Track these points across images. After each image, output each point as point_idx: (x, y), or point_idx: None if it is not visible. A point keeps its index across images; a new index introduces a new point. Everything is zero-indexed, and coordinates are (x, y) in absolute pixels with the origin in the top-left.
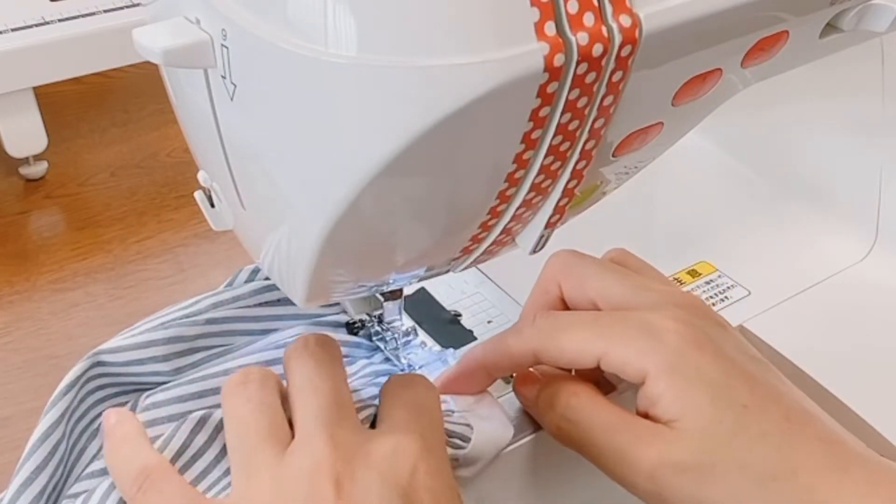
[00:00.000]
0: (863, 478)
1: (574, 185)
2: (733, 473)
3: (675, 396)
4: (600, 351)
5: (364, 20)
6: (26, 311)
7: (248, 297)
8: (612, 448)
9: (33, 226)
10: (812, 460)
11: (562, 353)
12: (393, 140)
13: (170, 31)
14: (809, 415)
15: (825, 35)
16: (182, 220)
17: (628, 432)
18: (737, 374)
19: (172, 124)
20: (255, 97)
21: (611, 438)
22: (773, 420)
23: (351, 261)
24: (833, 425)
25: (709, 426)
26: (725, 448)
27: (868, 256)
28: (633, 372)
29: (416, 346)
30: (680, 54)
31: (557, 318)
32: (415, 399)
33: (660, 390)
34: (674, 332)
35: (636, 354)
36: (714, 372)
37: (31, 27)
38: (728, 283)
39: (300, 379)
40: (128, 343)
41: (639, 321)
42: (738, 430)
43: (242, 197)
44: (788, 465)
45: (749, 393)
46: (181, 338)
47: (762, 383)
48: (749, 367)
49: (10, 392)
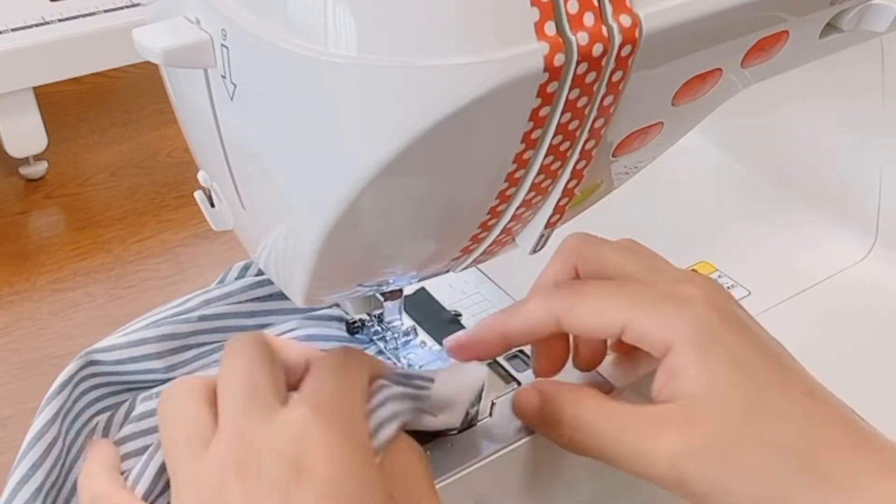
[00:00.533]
0: (882, 458)
1: (574, 185)
2: (757, 451)
3: (701, 369)
4: (625, 318)
5: (364, 20)
6: (26, 311)
7: (240, 293)
8: (626, 447)
9: (33, 226)
10: (834, 438)
11: (584, 318)
12: (393, 140)
13: (170, 31)
14: (828, 393)
15: (825, 35)
16: (182, 220)
17: (641, 427)
18: (762, 350)
19: (172, 124)
20: (255, 97)
21: (623, 438)
22: (796, 397)
23: (351, 261)
24: (847, 407)
25: (731, 403)
26: (749, 425)
27: (868, 256)
28: (658, 342)
29: (416, 346)
30: (680, 54)
31: (582, 283)
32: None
33: (685, 362)
34: (702, 300)
35: (662, 323)
36: (740, 346)
37: (31, 27)
38: (728, 283)
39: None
40: (120, 342)
41: (665, 290)
42: (761, 406)
43: (242, 197)
44: (811, 442)
45: (773, 369)
46: (174, 335)
47: (785, 360)
48: (771, 343)
49: (9, 392)
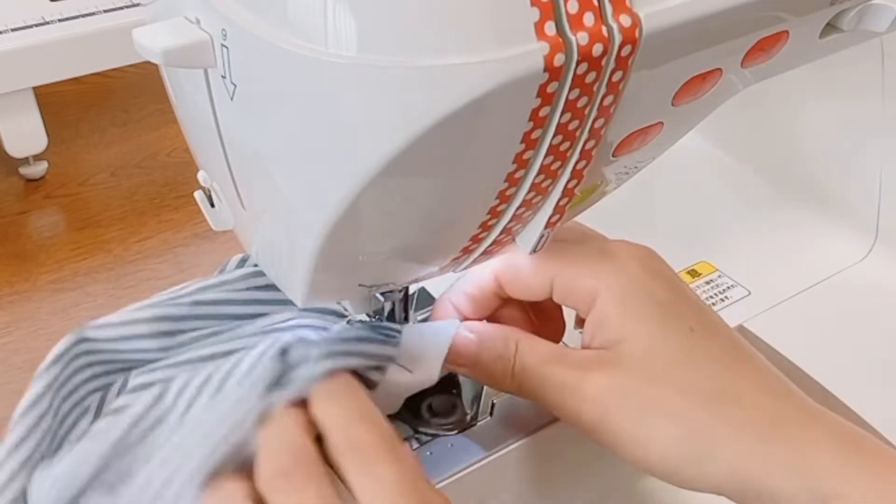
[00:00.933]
0: (802, 406)
1: (574, 184)
2: (678, 395)
3: (624, 316)
4: (553, 272)
5: (364, 20)
6: (26, 311)
7: (237, 282)
8: (556, 381)
9: (33, 226)
10: (756, 386)
11: (518, 280)
12: (393, 140)
13: (170, 31)
14: (752, 350)
15: (825, 35)
16: (182, 220)
17: (571, 363)
18: (686, 300)
19: (172, 124)
20: (255, 97)
21: (559, 377)
22: (720, 345)
23: (350, 261)
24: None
25: (655, 346)
26: (670, 369)
27: (868, 256)
28: (584, 294)
29: None
30: (680, 54)
31: None
32: None
33: (609, 310)
34: (629, 254)
35: (589, 275)
36: (664, 294)
37: (31, 27)
38: (728, 283)
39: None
40: (113, 320)
41: (595, 247)
42: (684, 350)
43: (242, 197)
44: (733, 388)
45: (697, 317)
46: (167, 317)
47: (708, 312)
48: (696, 297)
49: (10, 392)
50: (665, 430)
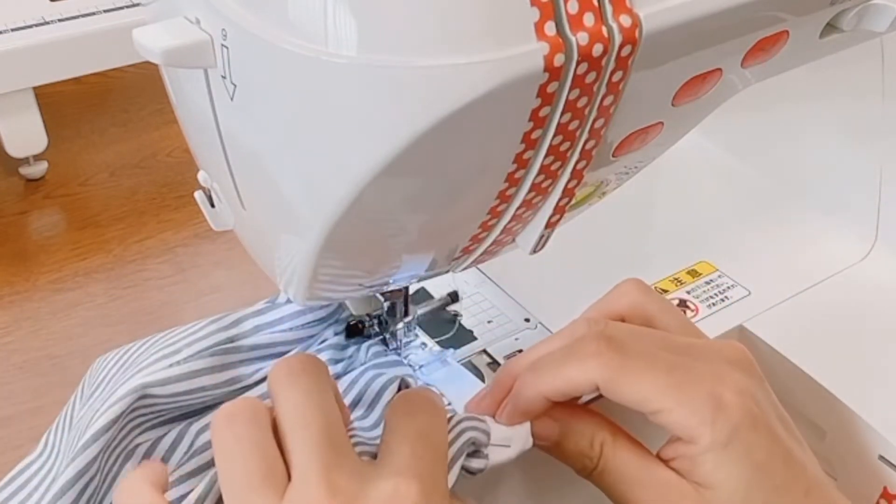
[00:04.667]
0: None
1: (574, 185)
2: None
3: (718, 469)
4: (662, 407)
5: (364, 20)
6: (26, 311)
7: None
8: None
9: (33, 226)
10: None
11: (624, 395)
12: (393, 140)
13: (170, 31)
14: (824, 486)
15: (825, 35)
16: (182, 220)
17: (658, 491)
18: (779, 453)
19: (172, 124)
20: (255, 97)
21: (641, 494)
22: (796, 498)
23: (351, 260)
24: (838, 495)
25: (737, 503)
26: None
27: (868, 256)
28: (686, 435)
29: (416, 346)
30: (680, 54)
31: (626, 354)
32: (418, 431)
33: (706, 459)
34: (738, 407)
35: (698, 422)
36: (761, 451)
37: (31, 27)
38: (728, 283)
39: (290, 413)
40: (175, 374)
41: (707, 388)
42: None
43: (242, 197)
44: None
45: (783, 472)
46: (226, 365)
47: (796, 459)
48: (789, 441)
49: (10, 392)
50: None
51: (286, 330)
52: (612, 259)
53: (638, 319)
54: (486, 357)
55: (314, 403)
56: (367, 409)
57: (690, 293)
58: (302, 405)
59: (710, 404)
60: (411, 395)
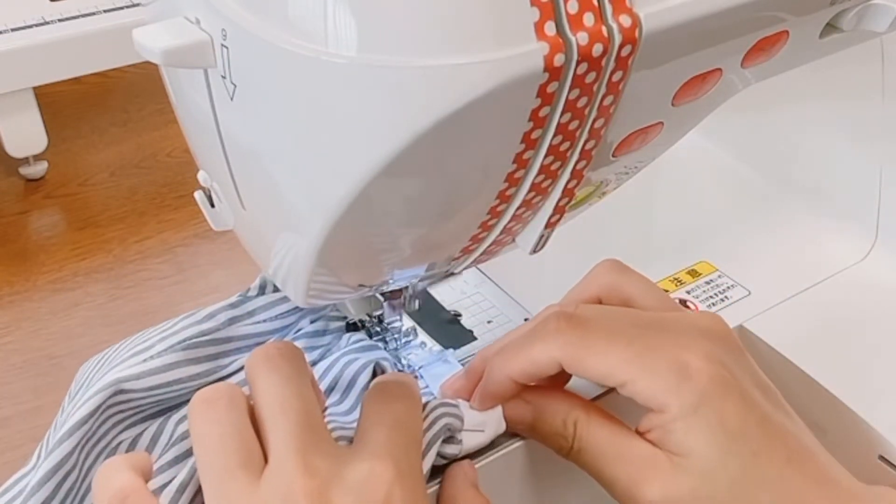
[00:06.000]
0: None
1: (574, 185)
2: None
3: (689, 436)
4: (627, 377)
5: (364, 20)
6: (26, 311)
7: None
8: (617, 479)
9: (33, 226)
10: None
11: (589, 370)
12: (393, 140)
13: (170, 31)
14: (810, 453)
15: (825, 35)
16: (182, 220)
17: (632, 464)
18: (754, 420)
19: (172, 124)
20: (255, 97)
21: (616, 469)
22: (777, 465)
23: (351, 261)
24: (829, 461)
25: (713, 470)
26: (725, 492)
27: (868, 256)
28: (655, 404)
29: (416, 346)
30: (680, 54)
31: (588, 330)
32: (394, 417)
33: (676, 427)
34: (704, 372)
35: (663, 389)
36: (734, 418)
37: (31, 27)
38: (728, 283)
39: (268, 398)
40: (149, 368)
41: (671, 355)
42: (741, 476)
43: (242, 197)
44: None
45: (760, 438)
46: (201, 358)
47: (775, 425)
48: (766, 406)
49: (10, 392)
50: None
51: (261, 321)
52: None
53: (615, 300)
54: None
55: (292, 388)
56: (342, 395)
57: (690, 293)
58: (280, 390)
59: (674, 371)
60: (388, 382)
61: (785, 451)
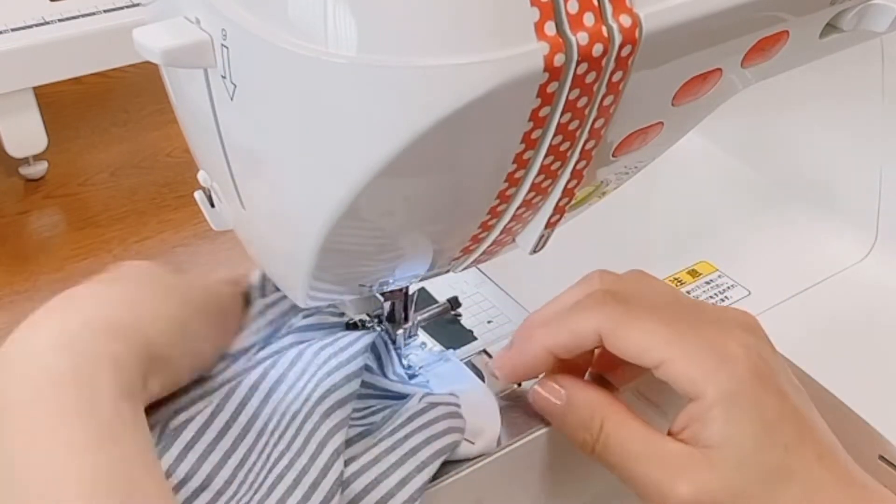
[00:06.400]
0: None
1: (574, 184)
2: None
3: (725, 425)
4: (665, 357)
5: (364, 20)
6: (26, 311)
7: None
8: (646, 478)
9: (33, 226)
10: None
11: (628, 346)
12: (393, 140)
13: (170, 31)
14: (838, 454)
15: (825, 35)
16: (182, 220)
17: (662, 462)
18: (788, 413)
19: (172, 124)
20: (255, 97)
21: (645, 468)
22: (807, 461)
23: (350, 261)
24: (853, 464)
25: (747, 461)
26: (757, 484)
27: (868, 256)
28: (691, 389)
29: (416, 346)
30: (680, 54)
31: (630, 305)
32: None
33: (712, 415)
34: (743, 360)
35: (701, 374)
36: (770, 409)
37: (31, 27)
38: (728, 283)
39: None
40: None
41: (711, 341)
42: (773, 469)
43: (242, 197)
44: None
45: (793, 432)
46: None
47: (807, 422)
48: (798, 401)
49: None
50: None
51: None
52: (612, 259)
53: None
54: (486, 357)
55: None
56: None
57: (690, 293)
58: None
59: (714, 355)
60: None
61: (816, 449)
